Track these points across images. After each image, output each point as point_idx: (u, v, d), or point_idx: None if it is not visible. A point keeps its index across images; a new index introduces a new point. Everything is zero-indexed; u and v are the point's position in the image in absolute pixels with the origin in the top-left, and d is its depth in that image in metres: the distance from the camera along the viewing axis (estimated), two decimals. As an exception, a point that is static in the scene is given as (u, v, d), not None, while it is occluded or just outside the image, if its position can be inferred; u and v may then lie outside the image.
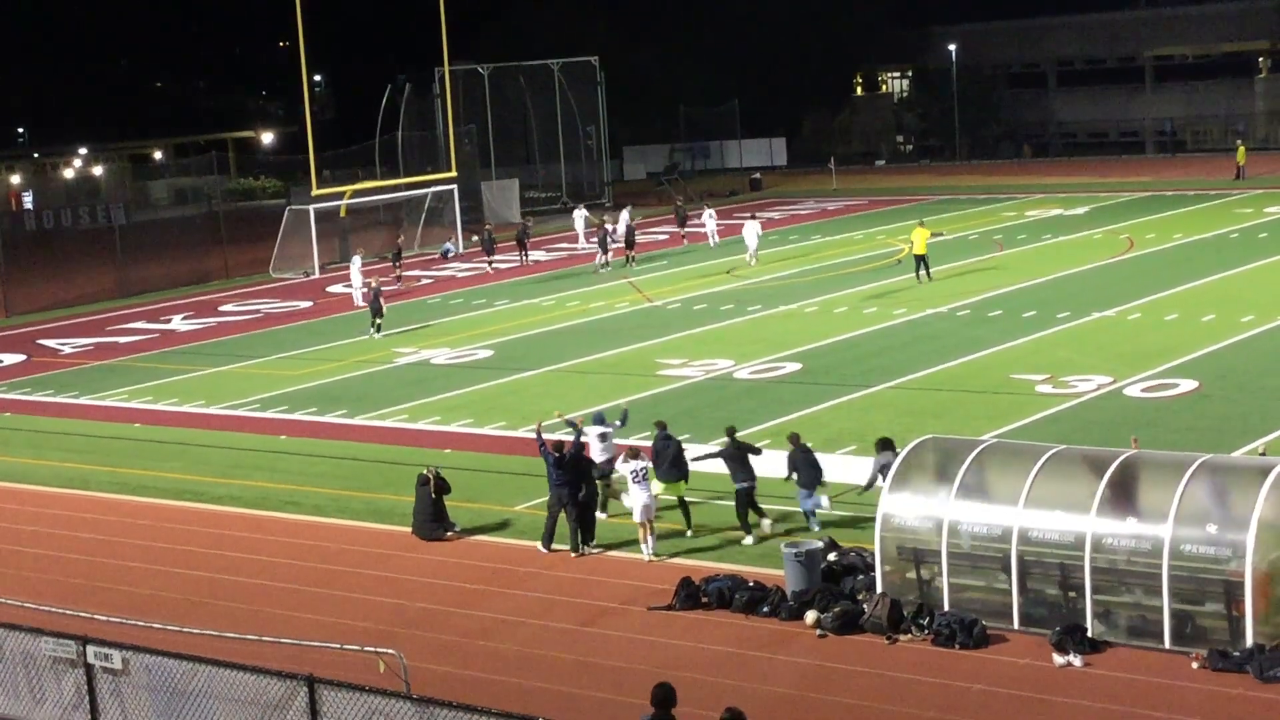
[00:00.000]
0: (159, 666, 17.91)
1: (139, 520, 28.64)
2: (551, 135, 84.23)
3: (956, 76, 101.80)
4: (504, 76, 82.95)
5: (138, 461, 32.69)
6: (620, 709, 18.52)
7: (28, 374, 44.35)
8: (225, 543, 26.82)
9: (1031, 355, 37.22)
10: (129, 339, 50.00)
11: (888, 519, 21.14)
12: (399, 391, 38.02)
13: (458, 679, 19.72)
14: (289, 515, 28.15)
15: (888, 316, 43.55)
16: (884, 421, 31.31)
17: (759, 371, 37.46)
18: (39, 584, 24.85)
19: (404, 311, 51.01)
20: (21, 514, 29.69)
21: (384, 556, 25.39)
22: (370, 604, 23.07)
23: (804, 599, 21.32)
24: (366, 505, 28.31)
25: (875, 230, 64.71)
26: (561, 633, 21.47)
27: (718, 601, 21.85)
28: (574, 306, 49.51)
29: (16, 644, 19.07)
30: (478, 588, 23.55)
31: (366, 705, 16.02)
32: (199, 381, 41.38)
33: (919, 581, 21.09)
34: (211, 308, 56.09)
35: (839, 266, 54.14)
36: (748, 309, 46.41)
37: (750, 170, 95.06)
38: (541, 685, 19.66)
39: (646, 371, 38.25)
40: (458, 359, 42.07)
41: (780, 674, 19.63)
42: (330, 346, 45.28)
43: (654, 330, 44.02)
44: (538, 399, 36.05)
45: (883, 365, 37.14)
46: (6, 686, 19.16)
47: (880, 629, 20.45)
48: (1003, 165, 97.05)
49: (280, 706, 16.67)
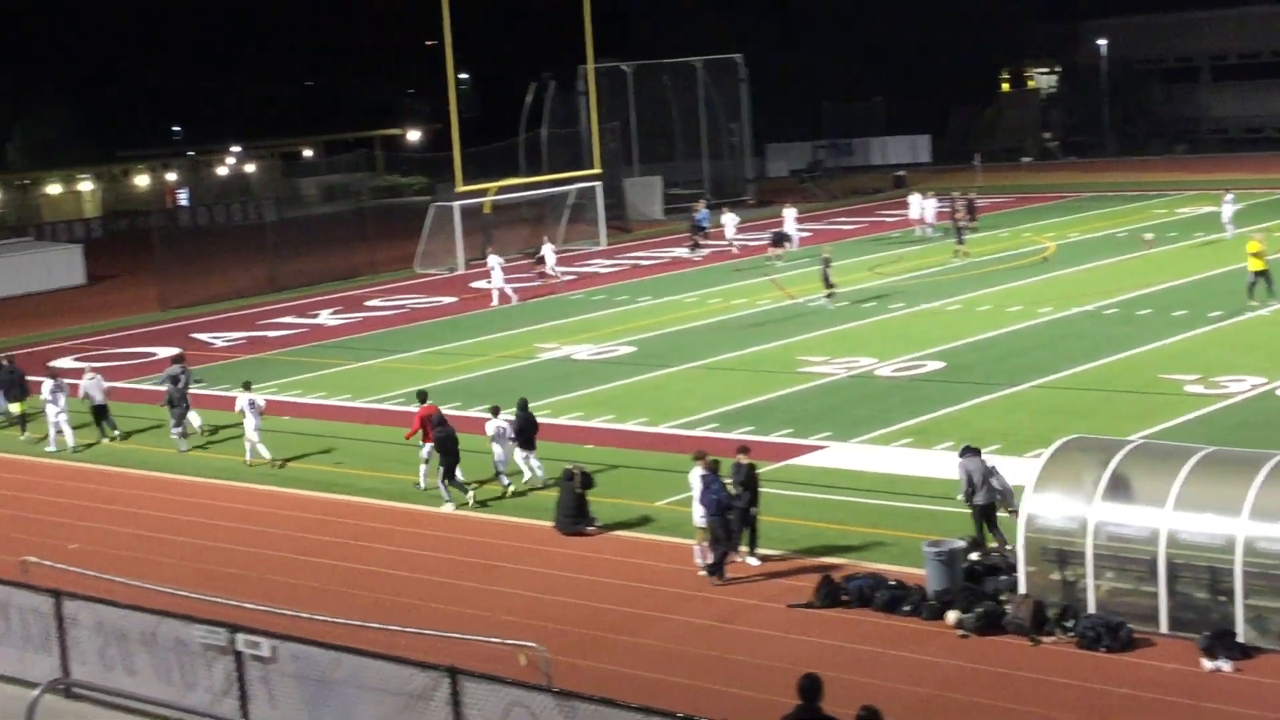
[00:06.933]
0: (305, 655, 18.23)
1: (287, 511, 29.17)
2: (694, 132, 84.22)
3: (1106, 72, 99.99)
4: (647, 74, 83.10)
5: (286, 454, 33.23)
6: (759, 705, 18.49)
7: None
8: (369, 534, 27.21)
9: (1181, 355, 36.54)
10: (279, 333, 50.90)
11: (1032, 519, 20.89)
12: (541, 387, 38.26)
13: (598, 673, 19.82)
14: (432, 508, 28.47)
15: (1032, 315, 42.99)
16: (1028, 421, 30.98)
17: (901, 369, 37.18)
18: (190, 573, 25.40)
19: (546, 308, 51.36)
20: (174, 504, 30.37)
21: (526, 550, 25.59)
22: (511, 597, 23.27)
23: (945, 599, 21.14)
24: (509, 499, 28.52)
25: (1021, 228, 63.86)
26: (701, 628, 21.49)
27: (858, 600, 21.75)
28: (716, 304, 49.51)
29: (169, 631, 19.52)
30: (617, 582, 23.64)
31: (507, 697, 16.17)
32: (346, 375, 42.02)
33: (1063, 583, 20.80)
34: (358, 303, 56.89)
35: (983, 264, 53.53)
36: (889, 307, 46.08)
37: (894, 167, 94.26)
38: (681, 681, 19.69)
39: (787, 369, 38.13)
40: (600, 355, 42.27)
41: (920, 673, 19.49)
42: (474, 342, 45.70)
43: (796, 327, 43.87)
44: (680, 395, 36.13)
45: (1027, 364, 36.68)
46: (160, 672, 19.61)
47: (1023, 630, 20.21)
48: (1153, 162, 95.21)
49: (423, 697, 16.88)
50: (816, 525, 25.30)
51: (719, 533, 23.11)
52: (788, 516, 25.59)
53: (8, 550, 26.61)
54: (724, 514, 23.13)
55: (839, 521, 25.41)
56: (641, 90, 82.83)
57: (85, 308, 61.82)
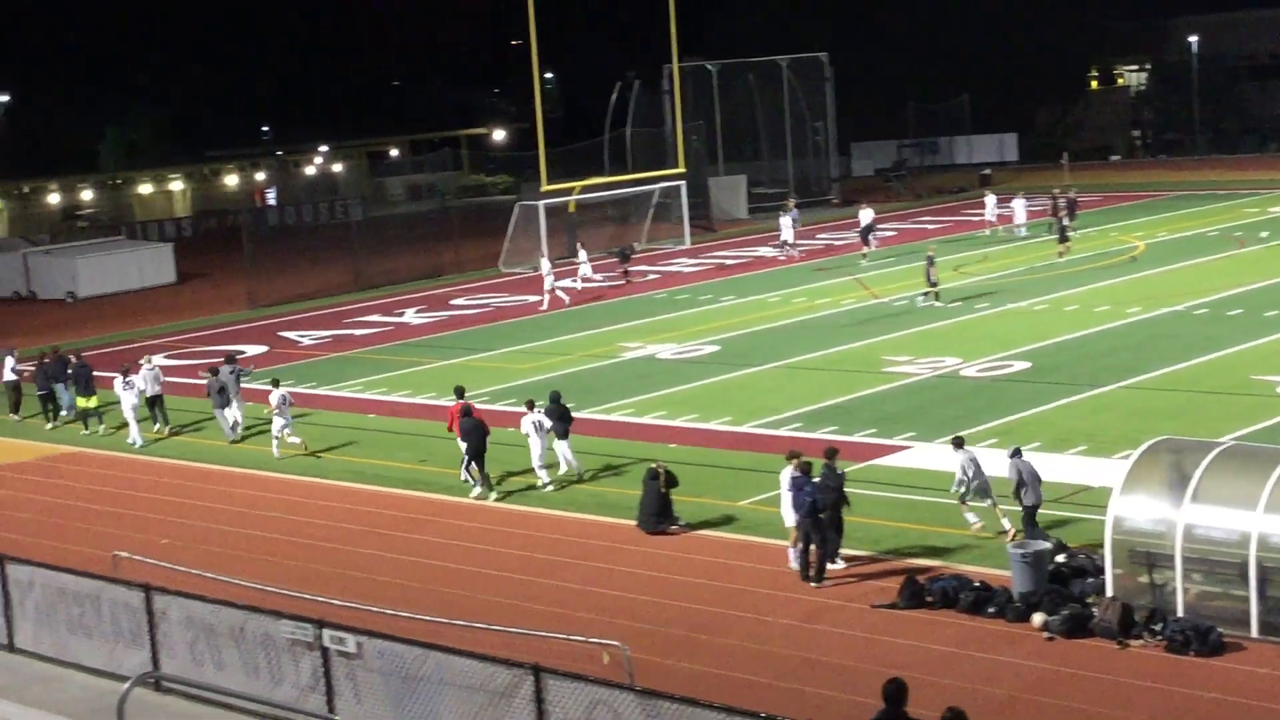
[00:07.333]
0: (391, 651, 18.36)
1: (371, 508, 29.38)
2: (778, 132, 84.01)
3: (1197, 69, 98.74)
4: (732, 73, 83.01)
5: (371, 451, 33.53)
6: (843, 706, 18.44)
7: (270, 364, 45.74)
8: (452, 532, 27.36)
9: (1273, 355, 36.00)
10: (364, 331, 51.31)
11: (1119, 521, 20.67)
12: (624, 386, 38.34)
13: (681, 672, 19.83)
14: (515, 506, 28.59)
15: (1120, 315, 42.54)
16: (1115, 422, 30.67)
17: (986, 370, 36.92)
18: (277, 568, 25.66)
19: (631, 307, 51.43)
20: (261, 500, 30.69)
21: (608, 549, 25.64)
22: (594, 596, 23.32)
23: (1031, 601, 20.96)
24: (592, 498, 28.61)
25: (1109, 227, 63.21)
26: (784, 628, 21.45)
27: (942, 601, 21.61)
28: (800, 303, 49.38)
29: (257, 626, 19.73)
30: (700, 582, 23.63)
31: (590, 696, 16.20)
32: (430, 374, 42.27)
33: (1151, 586, 20.56)
34: (443, 301, 57.22)
35: (1070, 264, 53.02)
36: (975, 307, 45.75)
37: (980, 166, 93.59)
38: (764, 680, 19.66)
39: (871, 368, 37.97)
40: (684, 354, 42.28)
41: (1005, 676, 19.34)
42: (557, 341, 45.85)
43: (880, 327, 43.67)
44: (764, 395, 36.07)
45: (1115, 364, 36.30)
46: (247, 667, 19.83)
47: (1110, 634, 20.01)
48: (1244, 160, 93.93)
49: (506, 694, 16.95)
50: (900, 526, 25.18)
51: (811, 534, 23.03)
52: (871, 517, 25.48)
53: (99, 544, 27.02)
54: (815, 516, 23.04)
55: (923, 522, 25.28)
56: (726, 89, 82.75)
57: (175, 306, 62.65)
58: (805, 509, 22.92)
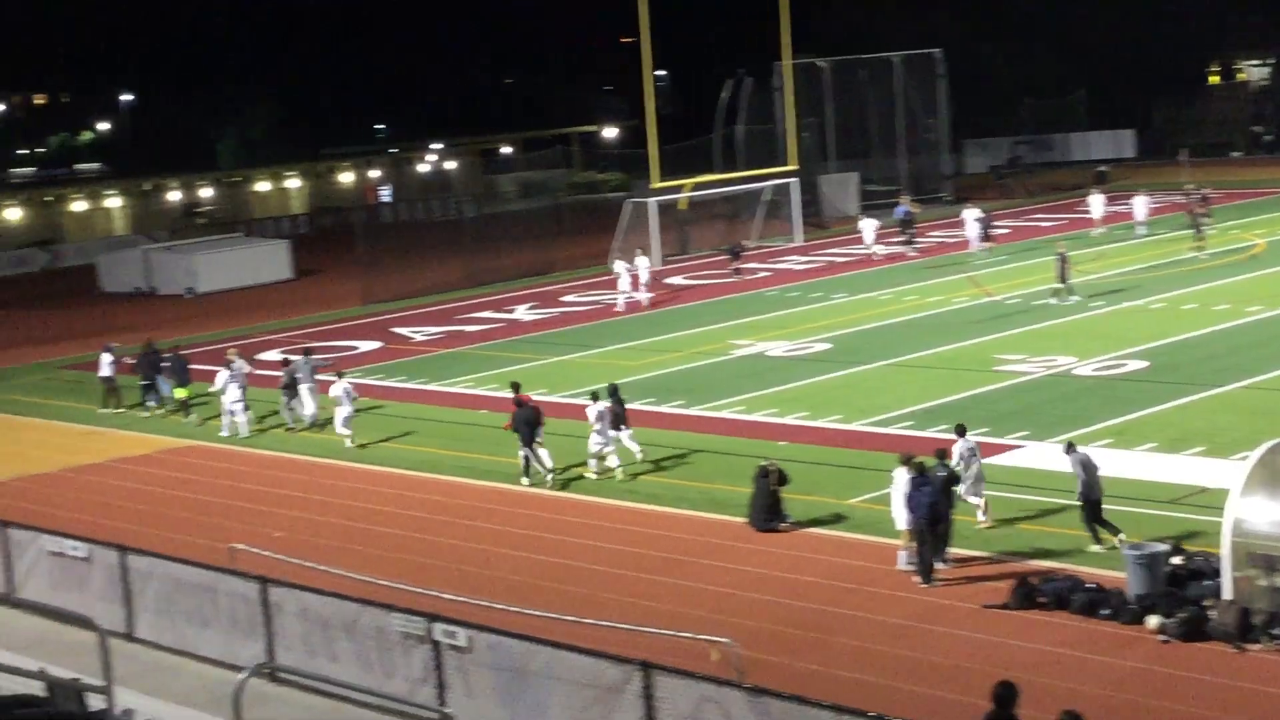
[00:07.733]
0: (501, 646, 18.50)
1: (483, 504, 29.59)
2: (891, 128, 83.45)
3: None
4: (843, 69, 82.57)
5: (484, 447, 33.75)
6: (953, 707, 18.31)
7: (383, 360, 46.23)
8: (563, 528, 27.48)
9: (1398, 356, 35.28)
10: (476, 328, 51.65)
11: (1238, 524, 20.33)
12: (735, 383, 38.30)
13: (790, 670, 19.79)
14: (625, 503, 28.67)
15: (1240, 314, 41.82)
16: (1235, 422, 30.18)
17: (1102, 369, 36.46)
18: (390, 562, 25.91)
19: (741, 304, 51.36)
20: (375, 495, 31.01)
21: (719, 546, 25.64)
22: (704, 593, 23.33)
23: (1146, 603, 20.68)
24: (703, 495, 28.63)
25: (1228, 225, 62.12)
26: (895, 627, 21.33)
27: (1055, 602, 21.38)
28: (911, 300, 49.06)
29: (370, 619, 19.98)
30: (810, 580, 23.57)
31: (699, 693, 16.23)
32: (542, 370, 42.47)
33: (1270, 589, 20.20)
34: (554, 298, 57.46)
35: (1188, 262, 52.20)
36: (1090, 305, 45.18)
37: (1096, 163, 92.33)
38: (874, 680, 19.57)
39: (983, 367, 37.64)
40: (795, 351, 42.16)
41: (1120, 679, 19.10)
42: (668, 338, 45.90)
43: (993, 325, 43.28)
44: (875, 393, 35.89)
45: (1235, 364, 35.70)
46: (360, 660, 20.06)
47: (1228, 637, 19.70)
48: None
49: (615, 690, 17.02)
50: (1013, 526, 24.94)
51: (926, 536, 22.87)
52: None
53: (217, 536, 27.45)
54: (933, 519, 22.85)
55: (1036, 522, 25.03)
56: (838, 86, 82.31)
57: (291, 301, 63.43)
58: (923, 511, 22.76)
